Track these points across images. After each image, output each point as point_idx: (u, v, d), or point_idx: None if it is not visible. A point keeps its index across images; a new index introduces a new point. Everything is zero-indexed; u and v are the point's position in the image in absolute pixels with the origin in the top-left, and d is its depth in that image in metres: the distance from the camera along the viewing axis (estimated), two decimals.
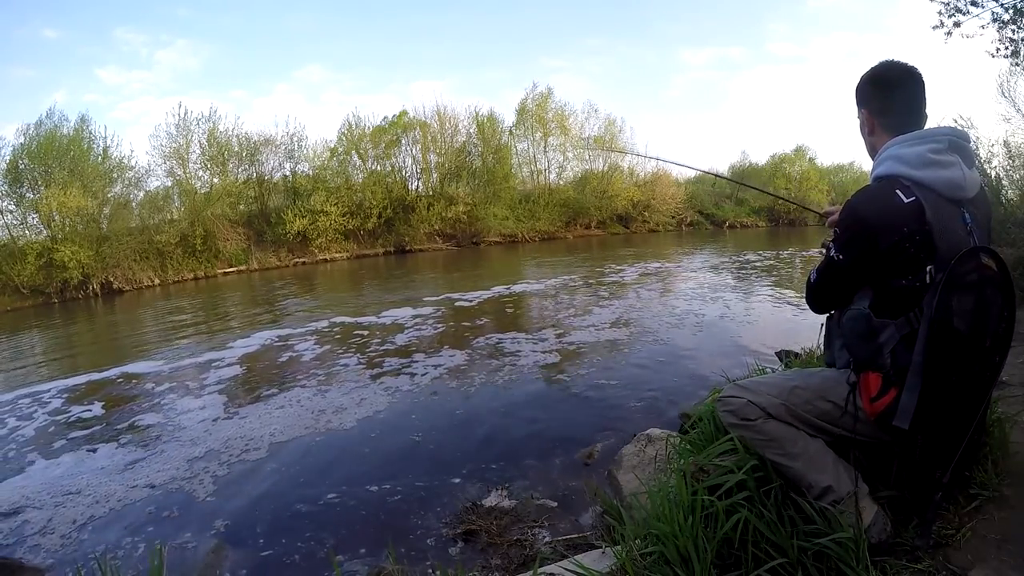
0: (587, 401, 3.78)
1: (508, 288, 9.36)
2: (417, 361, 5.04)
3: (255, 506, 2.68)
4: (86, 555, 2.34)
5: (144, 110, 53.80)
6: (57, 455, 3.53)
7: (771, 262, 11.93)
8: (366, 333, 6.44)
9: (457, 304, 8.00)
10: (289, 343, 6.20)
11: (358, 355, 5.41)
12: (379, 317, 7.36)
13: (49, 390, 5.09)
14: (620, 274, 10.70)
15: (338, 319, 7.40)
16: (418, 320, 7.01)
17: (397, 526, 2.38)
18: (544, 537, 2.17)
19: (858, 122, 1.41)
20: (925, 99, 1.30)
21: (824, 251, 1.45)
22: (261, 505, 2.68)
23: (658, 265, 12.13)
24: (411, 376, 4.59)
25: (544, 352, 5.08)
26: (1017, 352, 2.51)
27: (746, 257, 13.10)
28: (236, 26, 56.60)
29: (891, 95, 1.31)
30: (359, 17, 63.98)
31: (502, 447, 3.12)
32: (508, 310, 7.51)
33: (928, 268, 1.18)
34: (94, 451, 3.55)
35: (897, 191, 1.20)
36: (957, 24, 5.17)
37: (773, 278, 9.47)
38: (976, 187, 1.27)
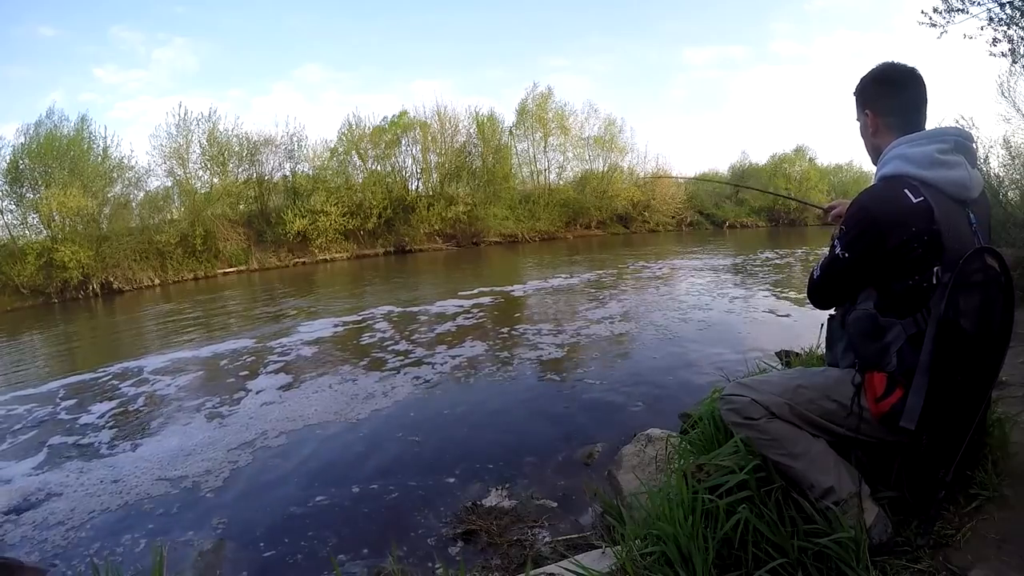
0: (587, 401, 3.77)
1: (511, 288, 9.35)
2: (421, 357, 5.03)
3: (258, 504, 2.68)
4: (86, 553, 2.34)
5: (142, 109, 53.70)
6: (69, 449, 3.54)
7: (771, 262, 11.93)
8: (378, 327, 6.45)
9: (463, 302, 8.00)
10: (318, 335, 6.21)
11: (360, 351, 5.41)
12: (394, 311, 7.37)
13: (64, 386, 5.10)
14: (620, 274, 10.70)
15: (358, 315, 7.41)
16: (424, 318, 7.01)
17: (397, 526, 2.38)
18: (544, 537, 2.17)
19: (859, 123, 1.41)
20: (927, 100, 1.30)
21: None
22: (264, 503, 2.68)
23: (658, 265, 12.12)
24: (416, 372, 4.59)
25: (545, 352, 5.08)
26: (1017, 352, 2.51)
27: (746, 257, 13.10)
28: (234, 24, 56.64)
29: (893, 96, 1.31)
30: (358, 16, 64.05)
31: (502, 447, 3.11)
32: (510, 309, 7.50)
33: (935, 269, 1.17)
34: (108, 445, 3.56)
35: (905, 191, 1.20)
36: (944, 16, 5.08)
37: (773, 278, 9.47)
38: (980, 187, 1.27)
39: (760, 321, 6.01)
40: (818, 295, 1.43)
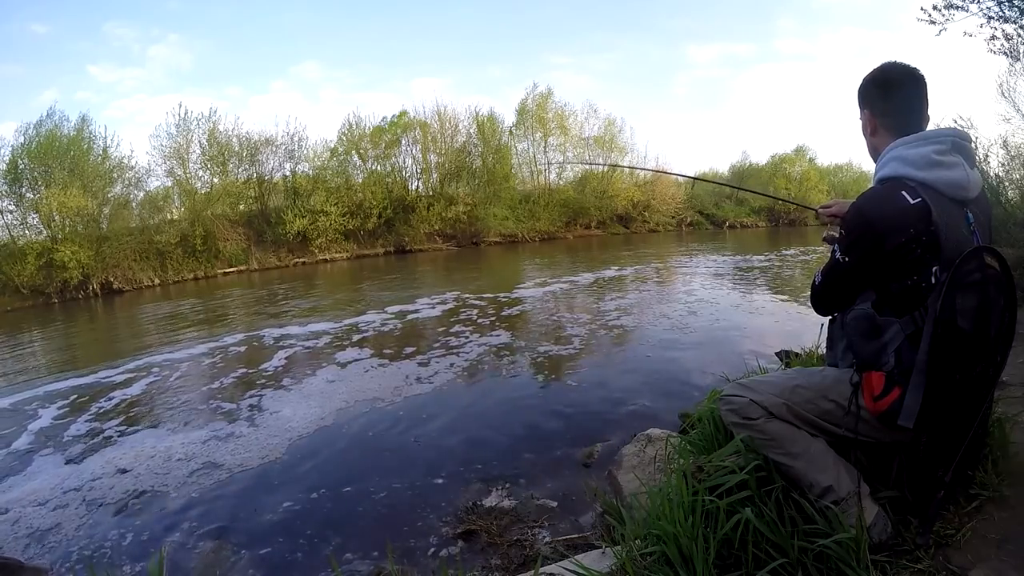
0: (588, 400, 3.77)
1: (513, 288, 9.36)
2: (419, 358, 5.03)
3: (260, 503, 2.68)
4: (87, 553, 2.34)
5: (138, 108, 53.24)
6: (75, 448, 3.54)
7: (771, 263, 11.93)
8: (377, 330, 6.46)
9: (464, 302, 8.00)
10: (336, 331, 6.22)
11: (358, 351, 5.41)
12: (394, 311, 7.38)
13: (70, 385, 5.10)
14: (622, 274, 10.70)
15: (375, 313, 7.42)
16: (424, 318, 7.01)
17: (397, 526, 2.38)
18: (544, 537, 2.17)
19: (860, 123, 1.41)
20: (927, 100, 1.30)
21: (830, 247, 1.46)
22: (266, 502, 2.68)
23: (659, 266, 12.13)
24: (413, 373, 4.59)
25: (544, 351, 5.08)
26: (1017, 352, 2.51)
27: (746, 258, 13.10)
28: (229, 20, 55.96)
29: (892, 96, 1.31)
30: (357, 12, 63.90)
31: (502, 447, 3.11)
32: (512, 309, 7.49)
33: (934, 268, 1.18)
34: (109, 443, 3.56)
35: (903, 192, 1.20)
36: (943, 13, 5.05)
37: (773, 278, 9.47)
38: (978, 187, 1.27)
39: (760, 321, 6.01)
40: (821, 301, 1.43)
